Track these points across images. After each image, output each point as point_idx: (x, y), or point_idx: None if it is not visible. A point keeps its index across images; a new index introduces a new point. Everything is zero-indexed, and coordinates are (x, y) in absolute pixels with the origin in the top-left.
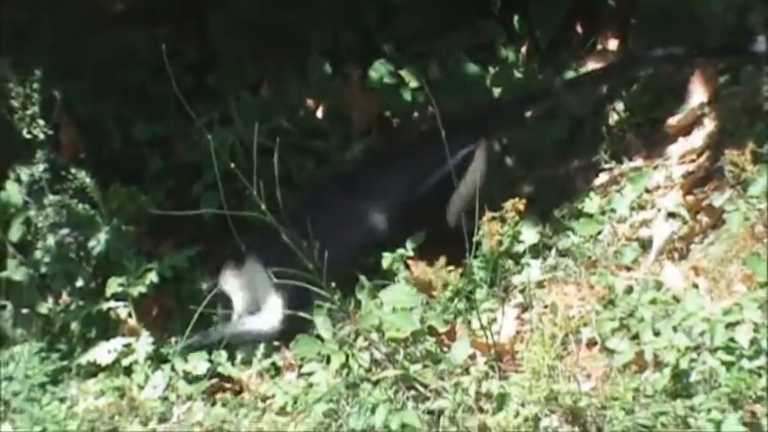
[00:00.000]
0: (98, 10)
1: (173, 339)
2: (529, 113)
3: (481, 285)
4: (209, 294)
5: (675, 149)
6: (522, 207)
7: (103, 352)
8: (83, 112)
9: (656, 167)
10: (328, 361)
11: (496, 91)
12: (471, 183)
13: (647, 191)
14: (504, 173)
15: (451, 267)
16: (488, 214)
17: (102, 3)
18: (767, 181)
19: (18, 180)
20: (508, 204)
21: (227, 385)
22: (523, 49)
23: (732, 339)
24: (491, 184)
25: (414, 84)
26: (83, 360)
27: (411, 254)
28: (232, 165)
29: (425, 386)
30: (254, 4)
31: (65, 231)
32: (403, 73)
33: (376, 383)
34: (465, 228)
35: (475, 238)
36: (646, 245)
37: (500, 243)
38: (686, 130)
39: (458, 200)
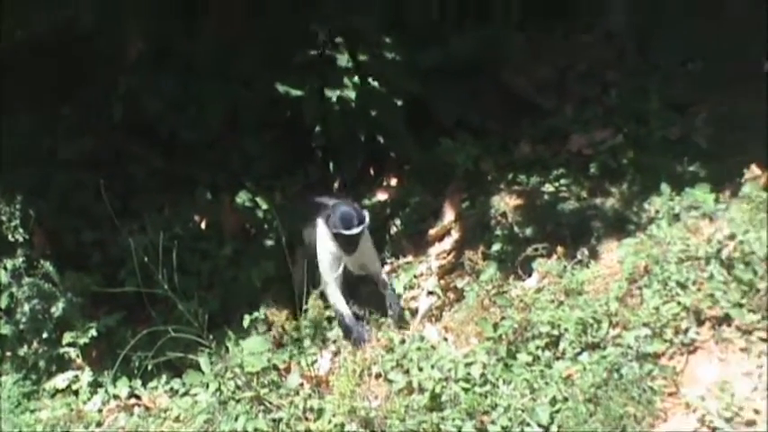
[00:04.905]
0: (56, 158)
1: (106, 372)
2: None
3: (308, 338)
4: (132, 342)
5: (434, 250)
6: None
7: (60, 380)
8: (49, 223)
9: (421, 262)
10: (207, 386)
11: None
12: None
13: (415, 277)
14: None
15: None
16: (315, 292)
17: (60, 152)
18: (492, 271)
19: (5, 268)
20: None
21: (141, 402)
22: (335, 185)
23: (469, 373)
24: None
25: (265, 207)
26: (46, 386)
27: (263, 316)
28: (145, 259)
29: (271, 403)
30: (161, 157)
31: (36, 302)
32: (258, 199)
33: (238, 401)
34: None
35: (305, 307)
36: (414, 312)
37: (321, 312)
38: (441, 237)
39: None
